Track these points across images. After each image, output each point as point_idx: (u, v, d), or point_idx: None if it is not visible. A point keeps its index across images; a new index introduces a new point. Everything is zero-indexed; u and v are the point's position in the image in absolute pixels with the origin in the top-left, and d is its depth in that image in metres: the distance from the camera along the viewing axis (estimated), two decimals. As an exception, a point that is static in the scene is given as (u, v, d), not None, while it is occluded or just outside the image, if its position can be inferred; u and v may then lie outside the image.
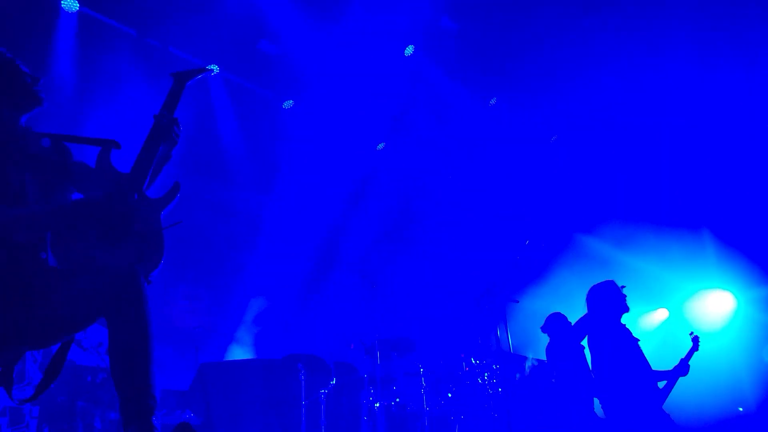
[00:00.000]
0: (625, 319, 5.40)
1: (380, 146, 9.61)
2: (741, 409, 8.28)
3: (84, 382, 4.94)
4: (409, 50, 8.07)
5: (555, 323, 5.86)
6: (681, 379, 5.37)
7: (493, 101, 8.86)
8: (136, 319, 2.28)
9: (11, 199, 2.31)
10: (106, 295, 2.28)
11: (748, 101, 7.94)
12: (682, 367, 5.38)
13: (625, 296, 5.36)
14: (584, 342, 5.42)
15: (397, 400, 6.32)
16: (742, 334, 8.84)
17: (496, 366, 6.09)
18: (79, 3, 6.62)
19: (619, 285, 5.43)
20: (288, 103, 8.65)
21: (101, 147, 2.58)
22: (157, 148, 2.64)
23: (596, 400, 5.46)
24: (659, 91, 8.14)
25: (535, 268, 8.42)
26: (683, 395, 5.65)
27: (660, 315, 9.82)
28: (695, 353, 5.44)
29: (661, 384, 5.38)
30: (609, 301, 5.31)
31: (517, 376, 6.30)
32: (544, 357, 6.72)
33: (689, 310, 9.49)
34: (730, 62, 7.63)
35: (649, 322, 9.77)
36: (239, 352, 8.08)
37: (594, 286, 5.45)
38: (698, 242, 8.77)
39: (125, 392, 2.20)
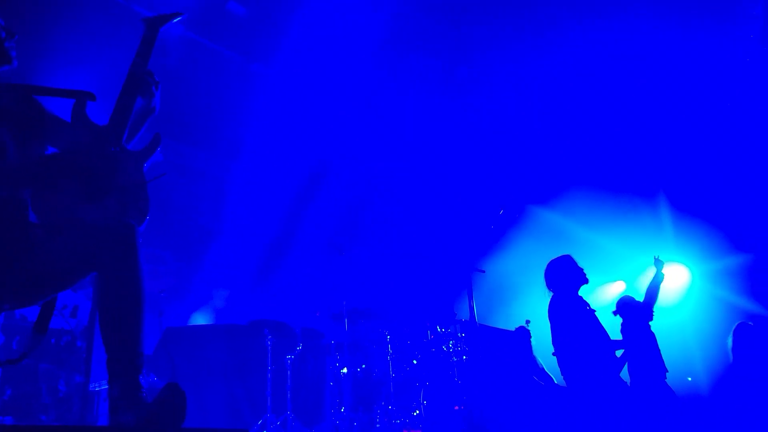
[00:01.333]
0: (582, 291, 5.57)
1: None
2: (690, 378, 8.59)
3: (48, 344, 4.87)
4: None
5: (626, 305, 6.10)
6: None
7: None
8: (130, 276, 2.25)
9: None
10: (99, 251, 2.24)
11: (708, 66, 7.88)
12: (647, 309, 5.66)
13: (582, 269, 5.52)
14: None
15: (363, 366, 6.39)
16: (696, 307, 9.11)
17: (461, 334, 6.20)
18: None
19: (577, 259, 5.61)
20: None
21: (76, 99, 2.50)
22: (133, 99, 2.59)
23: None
24: (614, 54, 7.96)
25: (497, 239, 8.49)
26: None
27: (617, 287, 10.08)
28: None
29: (619, 353, 5.60)
30: (567, 275, 5.47)
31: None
32: (509, 327, 6.89)
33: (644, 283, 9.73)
34: (690, 22, 7.43)
35: (606, 295, 10.01)
36: (204, 317, 8.05)
37: (551, 261, 5.59)
38: (655, 216, 8.95)
39: (114, 349, 2.17)
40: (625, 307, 6.06)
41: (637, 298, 6.12)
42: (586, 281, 5.48)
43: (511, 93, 8.96)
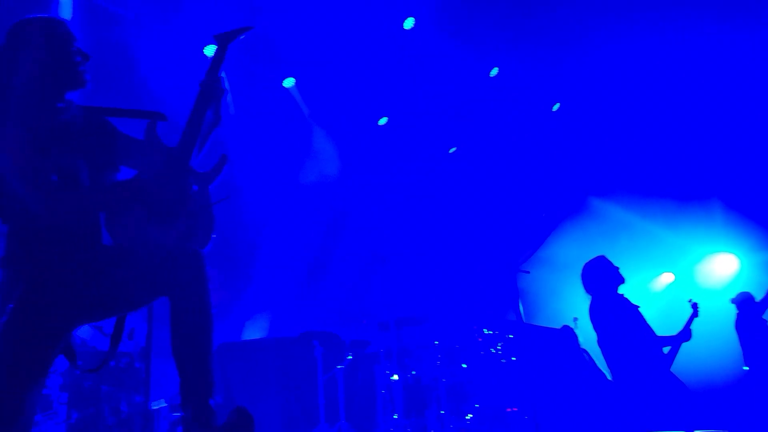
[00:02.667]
0: (630, 285, 5.53)
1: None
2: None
3: (108, 367, 5.03)
4: (410, 23, 8.02)
5: (742, 300, 6.12)
6: (685, 343, 5.52)
7: (494, 71, 8.76)
8: (200, 303, 2.34)
9: (64, 183, 2.30)
10: (169, 277, 2.32)
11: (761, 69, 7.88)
12: (685, 333, 5.55)
13: (618, 268, 5.48)
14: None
15: (413, 372, 6.42)
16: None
17: (509, 335, 6.18)
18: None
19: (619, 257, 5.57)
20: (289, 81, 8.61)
21: (148, 119, 2.54)
22: (203, 116, 2.59)
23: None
24: (675, 57, 8.02)
25: (543, 237, 8.46)
26: (689, 357, 5.80)
27: (666, 278, 10.01)
28: (695, 319, 5.62)
29: (666, 349, 5.52)
30: (603, 276, 5.44)
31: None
32: (555, 326, 6.83)
33: (696, 274, 9.68)
34: (750, 26, 7.49)
35: (656, 285, 9.96)
36: (254, 331, 8.19)
37: (586, 264, 5.56)
38: (706, 208, 8.88)
39: (187, 374, 2.27)
40: (743, 302, 6.09)
41: (693, 290, 6.12)
42: (622, 281, 5.44)
43: (568, 88, 8.96)
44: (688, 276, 9.81)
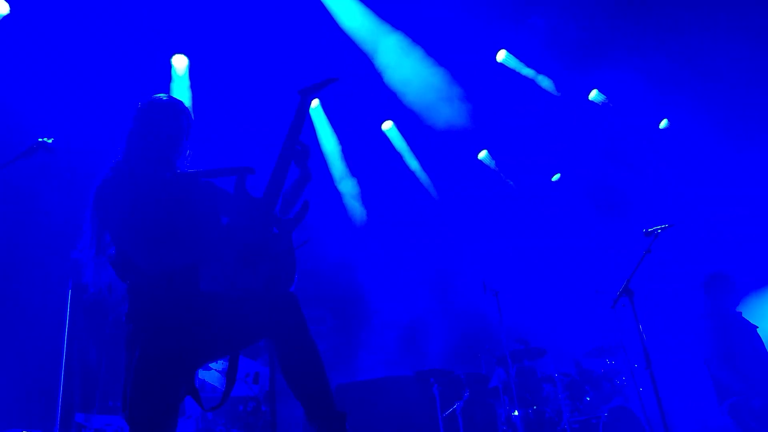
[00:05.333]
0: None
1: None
2: None
3: (237, 411, 5.26)
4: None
5: None
6: None
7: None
8: (304, 340, 2.51)
9: (166, 237, 2.54)
10: (267, 317, 2.50)
11: None
12: None
13: (735, 283, 5.17)
14: None
15: (535, 407, 6.25)
16: None
17: (635, 365, 5.90)
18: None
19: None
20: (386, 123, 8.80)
21: (237, 175, 2.77)
22: (287, 169, 2.80)
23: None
24: None
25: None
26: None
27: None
28: None
29: None
30: (720, 293, 5.14)
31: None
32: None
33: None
34: None
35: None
36: (371, 371, 8.26)
37: (706, 277, 5.26)
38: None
39: (312, 412, 2.47)
40: None
41: None
42: (739, 299, 5.11)
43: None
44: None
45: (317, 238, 8.32)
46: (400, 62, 7.64)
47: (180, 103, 2.83)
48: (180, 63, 7.34)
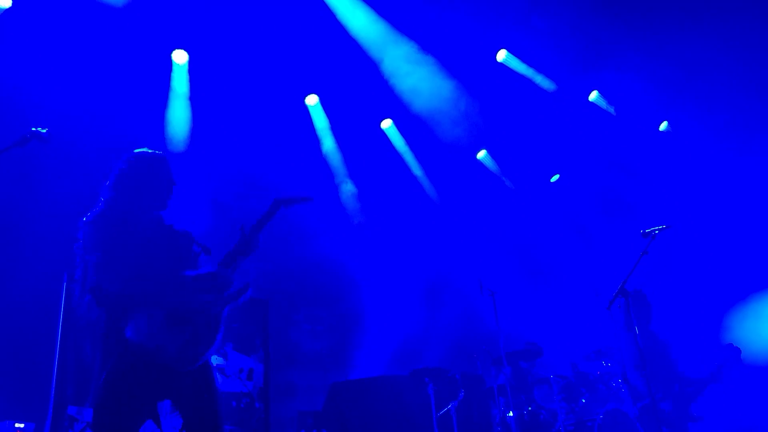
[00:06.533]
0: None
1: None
2: None
3: (230, 407, 5.24)
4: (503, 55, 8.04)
5: None
6: None
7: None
8: (209, 410, 2.76)
9: (137, 275, 2.77)
10: (177, 386, 2.75)
11: None
12: None
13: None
14: None
15: (530, 408, 6.22)
16: None
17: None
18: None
19: None
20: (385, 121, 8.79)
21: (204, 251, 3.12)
22: (241, 259, 3.06)
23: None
24: None
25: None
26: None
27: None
28: None
29: None
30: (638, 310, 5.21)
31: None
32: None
33: None
34: None
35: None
36: (366, 370, 8.24)
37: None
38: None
39: None
40: None
41: None
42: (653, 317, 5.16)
43: None
44: None
45: (316, 237, 8.36)
46: (403, 64, 7.64)
47: (165, 159, 3.17)
48: (180, 58, 7.33)
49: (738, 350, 5.15)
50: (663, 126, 9.09)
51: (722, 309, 7.98)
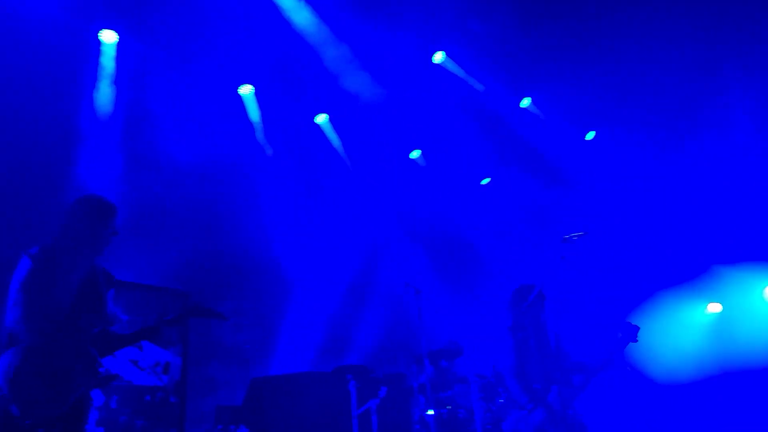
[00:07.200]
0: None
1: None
2: None
3: (143, 401, 5.08)
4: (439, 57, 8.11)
5: None
6: None
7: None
8: None
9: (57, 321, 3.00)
10: None
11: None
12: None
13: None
14: None
15: (449, 407, 6.30)
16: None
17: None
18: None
19: None
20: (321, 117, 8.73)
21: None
22: (134, 341, 3.31)
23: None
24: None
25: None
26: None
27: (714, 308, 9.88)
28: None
29: None
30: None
31: None
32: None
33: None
34: None
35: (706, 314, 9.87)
36: (288, 366, 8.17)
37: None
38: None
39: None
40: None
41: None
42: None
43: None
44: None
45: (246, 230, 8.22)
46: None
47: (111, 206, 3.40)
48: (109, 38, 7.05)
49: (636, 328, 5.01)
50: (589, 135, 9.38)
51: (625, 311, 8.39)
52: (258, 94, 8.12)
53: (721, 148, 8.57)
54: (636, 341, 4.96)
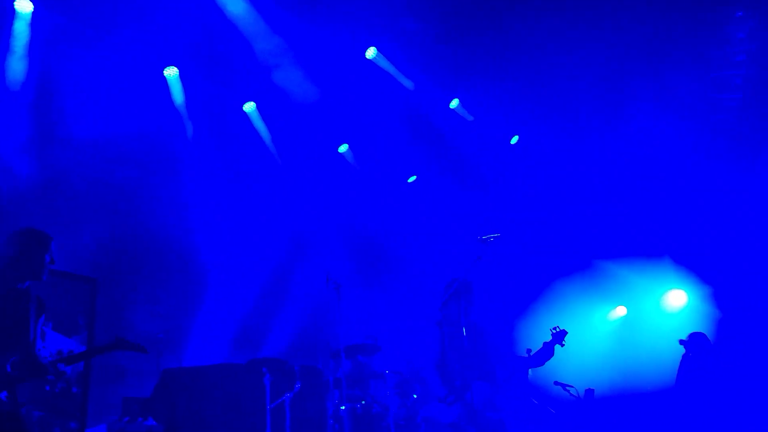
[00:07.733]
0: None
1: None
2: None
3: (43, 392, 4.83)
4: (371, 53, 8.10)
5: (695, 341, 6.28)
6: None
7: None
8: None
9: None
10: None
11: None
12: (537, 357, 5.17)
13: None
14: None
15: (363, 402, 6.33)
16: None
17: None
18: None
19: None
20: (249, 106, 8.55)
21: None
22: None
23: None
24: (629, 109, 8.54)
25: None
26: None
27: (619, 311, 10.30)
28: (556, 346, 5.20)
29: None
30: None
31: None
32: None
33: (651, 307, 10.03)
34: None
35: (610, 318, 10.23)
36: (202, 357, 7.98)
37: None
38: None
39: None
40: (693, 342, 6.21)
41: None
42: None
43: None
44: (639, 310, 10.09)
45: (164, 216, 7.95)
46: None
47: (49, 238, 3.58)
48: (24, 7, 6.65)
49: (563, 332, 5.15)
50: (514, 140, 9.62)
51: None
52: (184, 77, 7.86)
53: (627, 149, 9.01)
54: (563, 345, 5.13)
